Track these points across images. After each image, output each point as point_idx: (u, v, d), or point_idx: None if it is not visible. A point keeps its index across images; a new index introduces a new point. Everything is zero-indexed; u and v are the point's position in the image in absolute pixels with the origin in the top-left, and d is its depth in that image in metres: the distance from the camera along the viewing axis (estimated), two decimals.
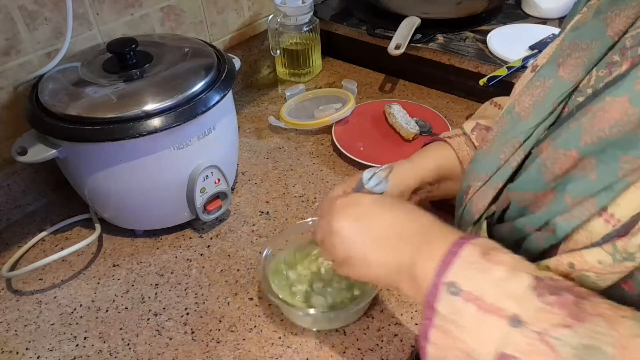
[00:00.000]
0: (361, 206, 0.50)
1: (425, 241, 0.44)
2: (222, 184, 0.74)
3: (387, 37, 1.04)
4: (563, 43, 0.49)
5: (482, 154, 0.53)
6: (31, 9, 0.73)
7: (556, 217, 0.41)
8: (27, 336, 0.64)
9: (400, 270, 0.45)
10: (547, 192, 0.43)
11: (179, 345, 0.62)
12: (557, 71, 0.48)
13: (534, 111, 0.48)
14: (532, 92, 0.50)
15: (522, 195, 0.46)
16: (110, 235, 0.78)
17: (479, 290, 0.39)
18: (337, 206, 0.50)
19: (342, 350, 0.60)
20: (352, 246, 0.48)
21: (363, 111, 0.99)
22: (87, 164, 0.67)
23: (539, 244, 0.44)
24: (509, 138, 0.50)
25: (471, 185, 0.53)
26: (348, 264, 0.49)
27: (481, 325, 0.38)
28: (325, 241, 0.51)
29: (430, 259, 0.42)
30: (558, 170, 0.42)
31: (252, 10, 1.07)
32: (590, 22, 0.47)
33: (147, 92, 0.65)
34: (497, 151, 0.50)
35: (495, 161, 0.50)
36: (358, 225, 0.48)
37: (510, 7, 1.16)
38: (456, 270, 0.40)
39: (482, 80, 0.91)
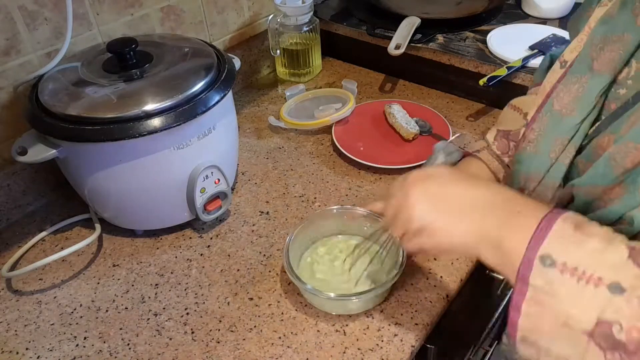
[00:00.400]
0: (440, 176, 0.49)
1: (513, 212, 0.44)
2: (222, 184, 0.74)
3: (387, 37, 1.04)
4: (594, 37, 0.49)
5: (527, 155, 0.53)
6: (31, 9, 0.73)
7: (633, 211, 0.42)
8: (27, 336, 0.64)
9: (484, 239, 0.45)
10: (616, 185, 0.43)
11: (179, 345, 0.62)
12: (592, 66, 0.48)
13: (578, 107, 0.48)
14: (569, 88, 0.50)
15: (588, 190, 0.46)
16: (110, 235, 0.78)
17: (575, 261, 0.39)
18: (413, 179, 0.50)
19: (342, 350, 0.60)
20: (433, 215, 0.48)
21: (363, 111, 0.99)
22: (87, 164, 0.67)
23: None
24: (555, 136, 0.50)
25: (525, 187, 0.53)
26: (425, 234, 0.48)
27: (579, 295, 0.38)
28: (398, 215, 0.50)
29: (520, 232, 0.42)
30: (629, 164, 0.42)
31: (252, 10, 1.07)
32: (619, 14, 0.47)
33: (147, 92, 0.65)
34: (546, 150, 0.51)
35: (545, 160, 0.51)
36: (439, 194, 0.48)
37: (510, 7, 1.16)
38: (550, 243, 0.40)
39: (482, 80, 0.91)
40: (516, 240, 0.42)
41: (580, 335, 0.38)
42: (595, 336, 0.38)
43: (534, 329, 0.41)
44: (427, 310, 0.64)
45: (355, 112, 0.98)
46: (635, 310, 0.36)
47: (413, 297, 0.66)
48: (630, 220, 0.42)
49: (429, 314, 0.64)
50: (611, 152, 0.44)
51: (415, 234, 0.49)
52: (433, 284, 0.67)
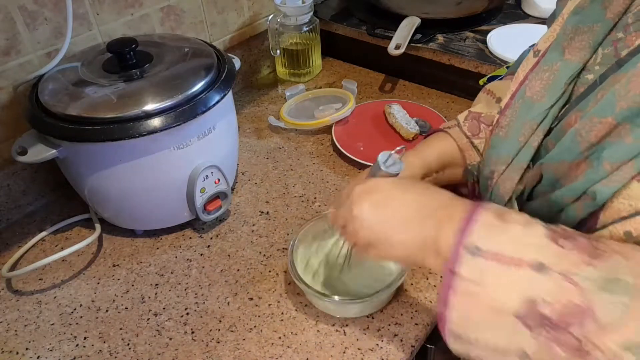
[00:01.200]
0: (381, 190, 0.51)
1: (447, 215, 0.45)
2: (222, 184, 0.74)
3: (387, 37, 1.04)
4: (566, 27, 0.51)
5: (499, 140, 0.55)
6: (31, 9, 0.73)
7: (595, 185, 0.42)
8: (27, 336, 0.64)
9: (425, 246, 0.46)
10: (581, 161, 0.45)
11: (179, 345, 0.62)
12: (563, 54, 0.50)
13: (547, 93, 0.50)
14: (541, 76, 0.52)
15: (555, 168, 0.47)
16: (110, 235, 0.78)
17: (498, 247, 0.40)
18: (357, 192, 0.51)
19: (342, 350, 0.60)
20: (375, 229, 0.49)
21: (363, 111, 0.99)
22: (87, 164, 0.67)
23: (578, 213, 0.45)
24: (525, 121, 0.52)
25: (494, 170, 0.54)
26: (372, 247, 0.50)
27: (505, 278, 0.40)
28: (347, 227, 0.52)
29: (451, 230, 0.43)
30: (593, 138, 0.43)
31: (252, 10, 1.07)
32: (590, 6, 0.50)
33: (147, 92, 0.65)
34: (516, 134, 0.52)
35: (515, 144, 0.52)
36: (380, 208, 0.49)
37: (510, 7, 1.16)
38: (475, 233, 0.42)
39: (482, 79, 0.91)
40: (449, 239, 0.43)
41: (509, 319, 0.39)
42: (522, 317, 0.38)
43: (464, 320, 0.42)
44: (427, 310, 0.64)
45: (355, 112, 0.98)
46: (557, 284, 0.38)
47: (413, 297, 0.66)
48: (592, 194, 0.43)
49: (429, 314, 0.64)
50: (577, 128, 0.45)
51: (365, 247, 0.51)
52: (433, 284, 0.67)
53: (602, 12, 0.48)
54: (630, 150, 0.40)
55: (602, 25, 0.48)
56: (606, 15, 0.48)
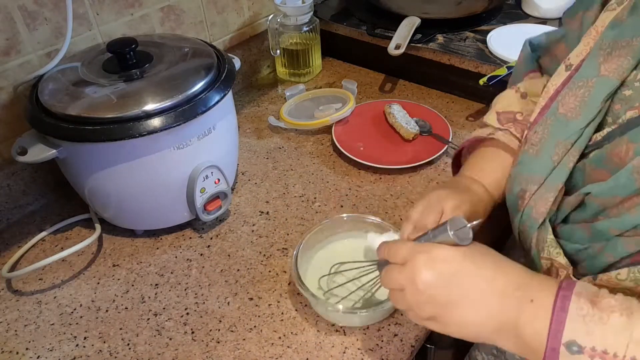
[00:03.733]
0: (450, 261, 0.45)
1: (526, 297, 0.43)
2: (222, 184, 0.74)
3: (387, 37, 1.04)
4: (602, 42, 0.49)
5: (530, 158, 0.53)
6: (31, 9, 0.73)
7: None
8: (27, 336, 0.64)
9: (502, 329, 0.43)
10: (634, 196, 0.43)
11: (179, 345, 0.62)
12: (599, 70, 0.48)
13: (582, 112, 0.48)
14: (575, 92, 0.50)
15: (604, 200, 0.46)
16: (110, 235, 0.78)
17: (602, 343, 0.38)
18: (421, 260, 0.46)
19: (342, 350, 0.60)
20: (444, 305, 0.45)
21: (363, 111, 0.99)
22: (87, 164, 0.67)
23: (628, 247, 0.44)
24: (559, 139, 0.50)
25: (526, 190, 0.52)
26: (435, 321, 0.46)
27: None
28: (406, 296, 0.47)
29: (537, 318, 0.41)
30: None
31: (252, 10, 1.07)
32: (629, 19, 0.47)
33: (147, 92, 0.65)
34: (548, 153, 0.51)
35: (547, 163, 0.50)
36: (450, 284, 0.45)
37: (510, 7, 1.16)
38: (571, 328, 0.39)
39: (482, 79, 0.91)
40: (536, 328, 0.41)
41: None
42: None
43: None
44: None
45: (355, 112, 0.98)
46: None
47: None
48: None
49: None
50: (635, 165, 0.43)
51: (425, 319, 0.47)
52: None
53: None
54: None
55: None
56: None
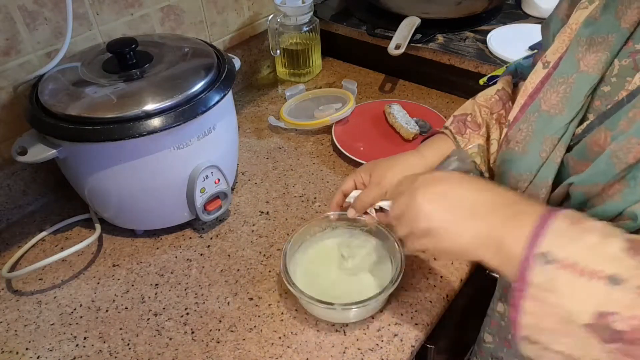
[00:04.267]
0: (449, 179, 0.50)
1: (513, 213, 0.44)
2: (222, 184, 0.74)
3: (387, 37, 1.04)
4: (579, 39, 0.51)
5: (515, 155, 0.54)
6: (31, 9, 0.73)
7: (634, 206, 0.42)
8: (27, 336, 0.64)
9: (487, 242, 0.45)
10: (615, 182, 0.44)
11: (179, 345, 0.62)
12: (578, 66, 0.50)
13: (567, 106, 0.50)
14: (556, 89, 0.51)
15: (587, 189, 0.47)
16: (110, 235, 0.78)
17: (573, 256, 0.39)
18: (422, 181, 0.50)
19: (342, 350, 0.60)
20: (439, 217, 0.48)
21: (363, 111, 0.99)
22: (87, 164, 0.67)
23: None
24: (545, 135, 0.51)
25: (517, 188, 0.53)
26: (430, 235, 0.48)
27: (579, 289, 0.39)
28: (405, 214, 0.50)
29: (519, 231, 0.42)
30: (632, 160, 0.43)
31: (252, 10, 1.07)
32: (603, 17, 0.49)
33: (147, 92, 0.65)
34: (536, 150, 0.52)
35: (536, 159, 0.52)
36: (445, 198, 0.48)
37: (510, 7, 1.16)
38: (548, 240, 0.41)
39: (482, 79, 0.91)
40: (515, 240, 0.42)
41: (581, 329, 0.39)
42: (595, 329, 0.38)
43: (535, 326, 0.41)
44: (427, 310, 0.64)
45: (355, 112, 0.98)
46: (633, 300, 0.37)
47: (413, 297, 0.66)
48: (632, 215, 0.43)
49: (429, 314, 0.64)
50: (612, 149, 0.44)
51: (421, 235, 0.49)
52: (433, 284, 0.67)
53: (616, 22, 0.48)
54: None
55: (618, 35, 0.48)
56: (621, 25, 0.48)
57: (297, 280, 0.62)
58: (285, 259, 0.63)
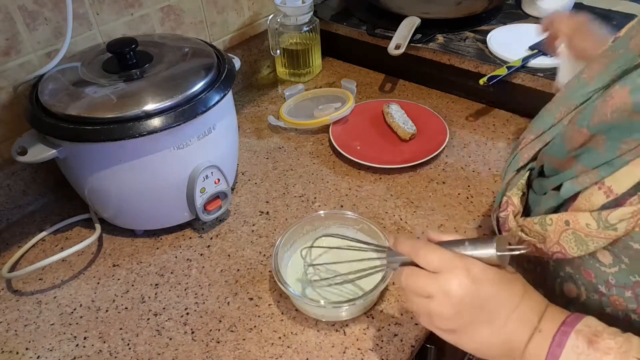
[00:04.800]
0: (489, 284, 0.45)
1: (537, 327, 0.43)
2: (222, 184, 0.74)
3: (387, 37, 1.04)
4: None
5: (544, 111, 0.57)
6: (31, 9, 0.73)
7: (566, 181, 0.47)
8: (27, 336, 0.64)
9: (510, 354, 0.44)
10: (569, 159, 0.48)
11: (179, 345, 0.62)
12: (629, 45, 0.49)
13: (597, 78, 0.50)
14: (601, 60, 0.52)
15: (549, 159, 0.51)
16: (110, 235, 0.78)
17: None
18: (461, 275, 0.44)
19: (342, 350, 0.60)
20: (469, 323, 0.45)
21: (362, 110, 0.99)
22: (87, 164, 0.67)
23: (550, 202, 0.49)
24: (568, 100, 0.53)
25: (525, 137, 0.57)
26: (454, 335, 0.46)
27: None
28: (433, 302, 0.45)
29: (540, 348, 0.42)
30: (575, 144, 0.47)
31: (252, 10, 1.07)
32: None
33: (147, 92, 0.65)
34: (555, 110, 0.54)
35: (550, 119, 0.54)
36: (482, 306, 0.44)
37: (510, 7, 1.16)
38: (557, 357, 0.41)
39: (482, 79, 0.91)
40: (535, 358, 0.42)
41: None
42: None
43: None
44: None
45: (354, 112, 0.98)
46: None
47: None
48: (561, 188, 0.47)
49: None
50: (567, 130, 0.49)
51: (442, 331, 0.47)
52: None
53: None
54: (598, 159, 0.44)
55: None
56: None
57: (288, 279, 0.62)
58: (276, 258, 0.64)
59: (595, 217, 0.43)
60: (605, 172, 0.43)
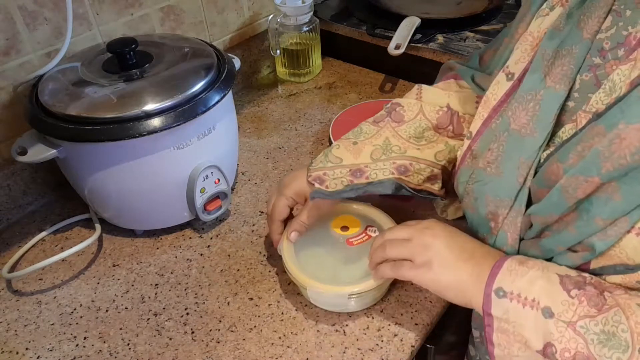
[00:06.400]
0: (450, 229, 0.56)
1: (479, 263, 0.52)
2: (222, 184, 0.74)
3: (387, 37, 1.04)
4: (545, 51, 0.49)
5: (492, 177, 0.53)
6: (31, 9, 0.73)
7: (591, 238, 0.45)
8: (27, 336, 0.64)
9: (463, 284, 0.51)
10: (570, 213, 0.46)
11: (179, 345, 0.62)
12: (545, 82, 0.48)
13: (538, 128, 0.49)
14: (525, 106, 0.50)
15: (543, 219, 0.49)
16: (110, 235, 0.78)
17: (518, 288, 0.46)
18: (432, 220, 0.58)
19: (342, 350, 0.60)
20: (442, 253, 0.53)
21: (362, 111, 0.99)
22: (87, 164, 0.67)
23: (575, 261, 0.47)
24: (521, 159, 0.50)
25: (496, 213, 0.53)
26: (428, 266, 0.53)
27: (526, 318, 0.45)
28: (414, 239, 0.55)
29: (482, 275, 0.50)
30: (580, 195, 0.44)
31: (252, 10, 1.07)
32: (566, 28, 0.48)
33: (147, 92, 0.65)
34: (513, 174, 0.51)
35: (514, 185, 0.51)
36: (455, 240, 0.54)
37: (510, 7, 1.16)
38: (500, 278, 0.48)
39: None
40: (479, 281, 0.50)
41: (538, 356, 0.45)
42: (546, 355, 0.44)
43: (507, 355, 0.47)
44: (427, 310, 0.64)
45: (355, 112, 0.98)
46: (562, 334, 0.43)
47: (413, 297, 0.66)
48: (590, 246, 0.45)
49: (429, 314, 0.64)
50: (563, 185, 0.45)
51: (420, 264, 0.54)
52: None
53: (578, 33, 0.47)
54: (621, 207, 0.42)
55: (581, 47, 0.47)
56: (583, 36, 0.46)
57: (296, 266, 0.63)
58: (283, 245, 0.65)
59: None
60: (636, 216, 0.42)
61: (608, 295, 0.43)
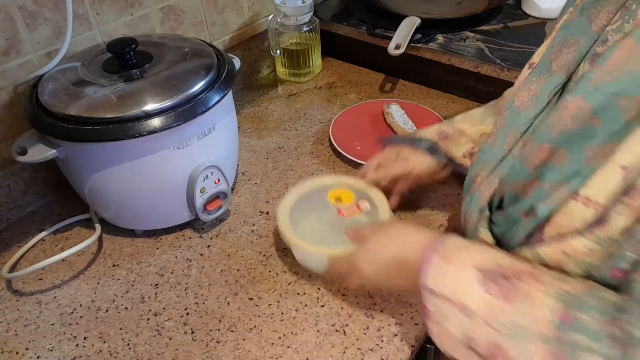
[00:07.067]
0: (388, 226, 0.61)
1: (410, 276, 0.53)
2: (222, 184, 0.74)
3: (387, 37, 1.04)
4: (554, 41, 0.54)
5: (488, 146, 0.58)
6: (31, 9, 0.73)
7: (538, 202, 0.47)
8: (27, 336, 0.64)
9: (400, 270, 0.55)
10: (533, 181, 0.49)
11: (179, 345, 0.62)
12: (551, 67, 0.53)
13: (533, 103, 0.53)
14: (529, 87, 0.54)
15: (513, 185, 0.51)
16: (110, 236, 0.78)
17: (440, 288, 0.49)
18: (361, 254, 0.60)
19: (342, 350, 0.60)
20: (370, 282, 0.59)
21: (362, 111, 0.99)
22: (87, 164, 0.67)
23: (526, 227, 0.49)
24: (511, 129, 0.54)
25: (479, 174, 0.57)
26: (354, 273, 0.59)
27: (451, 315, 0.47)
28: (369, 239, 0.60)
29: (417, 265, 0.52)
30: (537, 162, 0.48)
31: (252, 10, 1.07)
32: (577, 19, 0.52)
33: (147, 92, 0.65)
34: (501, 142, 0.55)
35: (499, 151, 0.55)
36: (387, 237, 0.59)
37: (510, 7, 1.16)
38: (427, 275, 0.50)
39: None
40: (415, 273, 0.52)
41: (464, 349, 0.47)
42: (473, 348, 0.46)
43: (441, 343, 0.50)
44: None
45: (355, 112, 0.98)
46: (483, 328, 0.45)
47: (413, 297, 0.66)
48: (536, 211, 0.47)
49: None
50: (524, 152, 0.50)
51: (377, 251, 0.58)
52: None
53: (588, 25, 0.50)
54: (565, 172, 0.45)
55: (588, 37, 0.50)
56: (592, 28, 0.49)
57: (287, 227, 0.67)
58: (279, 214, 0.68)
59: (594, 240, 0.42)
60: (576, 183, 0.43)
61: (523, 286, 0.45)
